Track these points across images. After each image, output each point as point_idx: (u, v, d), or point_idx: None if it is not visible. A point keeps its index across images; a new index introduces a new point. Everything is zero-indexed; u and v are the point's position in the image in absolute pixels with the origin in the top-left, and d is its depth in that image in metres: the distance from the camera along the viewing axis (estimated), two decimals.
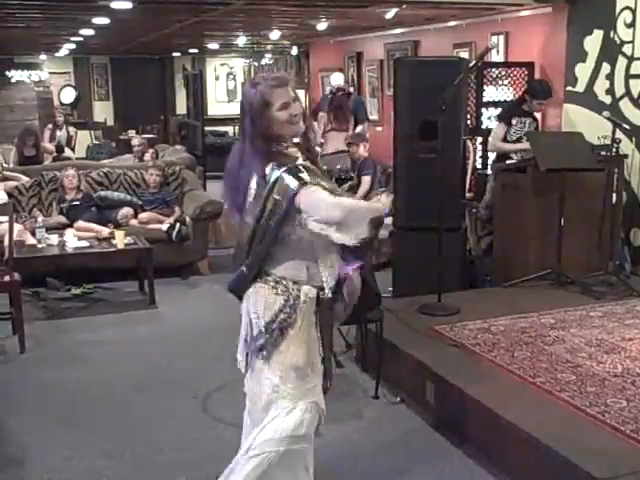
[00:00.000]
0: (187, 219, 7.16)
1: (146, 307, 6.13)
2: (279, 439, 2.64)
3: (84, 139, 14.16)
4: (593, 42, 6.58)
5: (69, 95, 16.29)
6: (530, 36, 7.59)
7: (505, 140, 6.28)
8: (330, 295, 2.67)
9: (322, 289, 2.66)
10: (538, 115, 6.54)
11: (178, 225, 6.97)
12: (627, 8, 6.23)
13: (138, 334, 5.51)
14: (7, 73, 15.02)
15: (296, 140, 2.69)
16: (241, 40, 12.95)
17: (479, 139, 7.27)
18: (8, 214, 5.49)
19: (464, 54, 8.39)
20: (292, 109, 2.60)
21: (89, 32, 10.28)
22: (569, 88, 6.87)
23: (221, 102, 17.61)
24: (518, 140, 6.22)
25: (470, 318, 4.74)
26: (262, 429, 2.66)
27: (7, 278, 5.15)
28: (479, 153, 7.31)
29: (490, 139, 6.47)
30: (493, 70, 7.44)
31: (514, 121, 6.25)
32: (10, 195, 7.07)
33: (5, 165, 8.12)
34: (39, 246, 6.21)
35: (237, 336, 2.80)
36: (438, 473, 3.45)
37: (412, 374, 4.17)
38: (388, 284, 5.60)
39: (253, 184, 2.60)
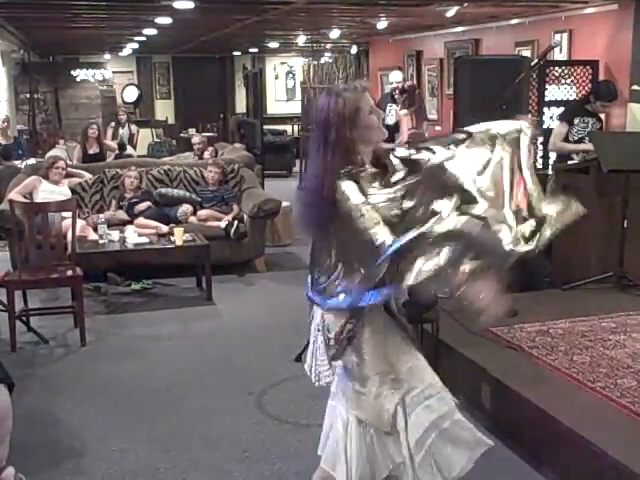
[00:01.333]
0: (245, 217, 7.22)
1: (203, 303, 6.21)
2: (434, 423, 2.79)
3: (146, 137, 14.38)
4: None
5: (132, 94, 16.60)
6: (595, 34, 7.44)
7: (567, 140, 6.18)
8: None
9: None
10: (602, 115, 6.40)
11: (236, 223, 7.03)
12: None
13: (195, 330, 5.59)
14: (72, 72, 15.37)
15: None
16: (301, 39, 13.00)
17: (540, 139, 7.15)
18: (71, 210, 5.61)
19: (526, 52, 8.28)
20: (378, 113, 2.56)
21: (152, 32, 10.46)
22: (634, 87, 6.71)
23: (280, 101, 17.68)
24: (580, 140, 6.11)
25: (528, 320, 4.66)
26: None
27: (70, 273, 5.27)
28: (540, 153, 7.19)
29: (551, 139, 6.37)
30: (556, 69, 7.32)
31: (576, 121, 6.14)
32: (73, 191, 7.21)
33: (69, 162, 8.29)
34: (100, 242, 6.32)
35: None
36: (492, 477, 3.40)
37: (468, 376, 4.12)
38: None
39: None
